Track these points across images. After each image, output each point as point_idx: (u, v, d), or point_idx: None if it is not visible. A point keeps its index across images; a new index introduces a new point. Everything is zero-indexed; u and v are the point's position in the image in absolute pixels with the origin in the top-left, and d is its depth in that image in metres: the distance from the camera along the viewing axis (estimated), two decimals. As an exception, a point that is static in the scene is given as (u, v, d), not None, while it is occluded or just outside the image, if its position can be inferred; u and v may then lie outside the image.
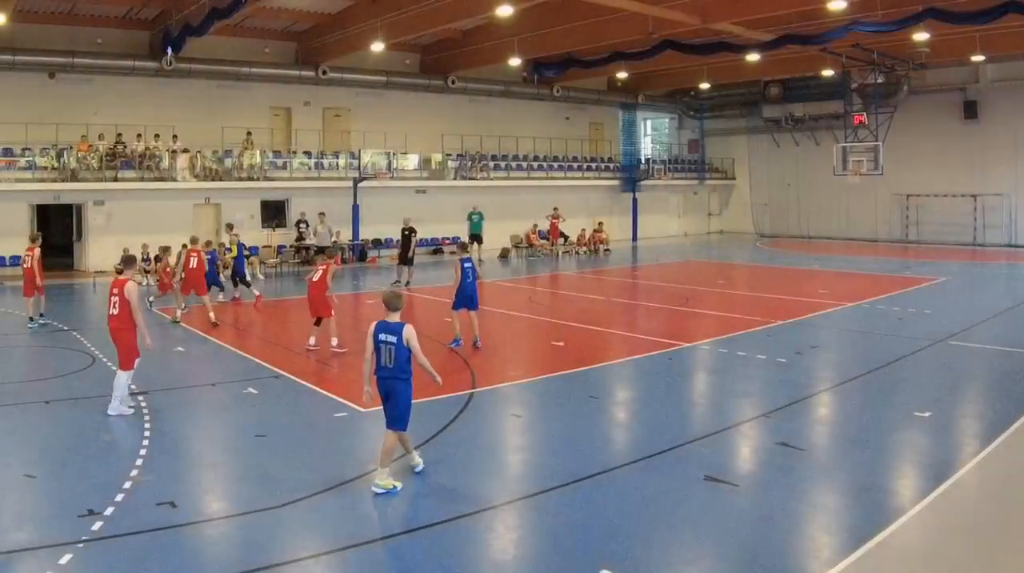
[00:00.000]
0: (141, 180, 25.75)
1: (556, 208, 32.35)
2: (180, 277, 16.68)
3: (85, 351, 13.59)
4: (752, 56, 29.44)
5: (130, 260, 10.60)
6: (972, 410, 10.52)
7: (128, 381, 9.94)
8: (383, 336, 7.44)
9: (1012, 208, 34.19)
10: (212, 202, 27.55)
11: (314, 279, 13.57)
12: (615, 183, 39.10)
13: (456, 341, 13.73)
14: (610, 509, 7.03)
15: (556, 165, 37.12)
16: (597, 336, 15.65)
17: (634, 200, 39.65)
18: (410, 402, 7.49)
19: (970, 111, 34.65)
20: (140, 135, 26.24)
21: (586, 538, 6.42)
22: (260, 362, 12.85)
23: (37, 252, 16.05)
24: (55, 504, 7.10)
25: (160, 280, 18.55)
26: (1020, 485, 7.91)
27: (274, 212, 29.15)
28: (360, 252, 29.50)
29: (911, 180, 36.14)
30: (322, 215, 27.35)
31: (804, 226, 40.78)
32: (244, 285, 19.77)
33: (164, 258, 18.10)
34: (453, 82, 33.26)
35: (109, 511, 6.81)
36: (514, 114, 36.63)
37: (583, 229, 33.87)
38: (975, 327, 15.75)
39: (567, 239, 33.23)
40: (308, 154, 30.19)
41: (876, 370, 12.23)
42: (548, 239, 33.01)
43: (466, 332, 13.80)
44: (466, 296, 13.81)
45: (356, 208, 29.44)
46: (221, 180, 27.11)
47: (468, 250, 14.76)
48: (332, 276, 13.72)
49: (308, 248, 26.90)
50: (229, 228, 21.81)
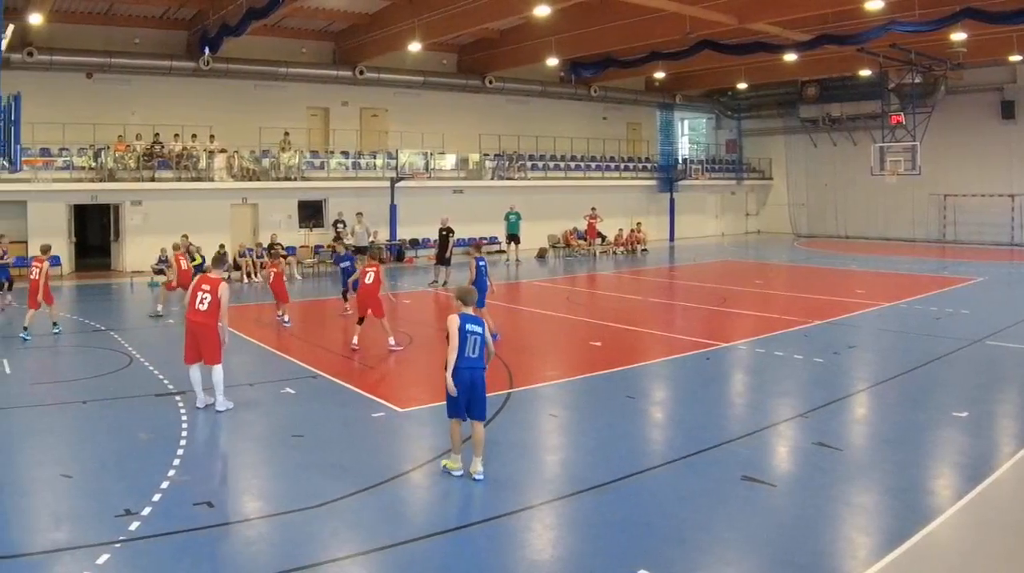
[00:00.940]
0: (178, 180, 25.85)
1: (593, 208, 32.33)
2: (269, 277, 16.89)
3: (122, 351, 13.65)
4: (789, 56, 29.29)
5: (221, 259, 10.88)
6: (1010, 410, 10.48)
7: (222, 374, 10.04)
8: (471, 326, 7.67)
9: (1049, 208, 33.65)
10: (249, 202, 27.75)
11: (367, 282, 13.85)
12: (652, 183, 38.95)
13: (493, 335, 13.94)
14: (647, 509, 7.06)
15: (593, 165, 37.05)
16: (634, 336, 15.72)
17: (671, 200, 39.47)
18: None
19: (1007, 111, 34.24)
20: (177, 135, 26.40)
21: (623, 538, 6.45)
22: (298, 362, 12.89)
23: (46, 265, 15.00)
24: (92, 504, 7.13)
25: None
26: (1059, 487, 7.88)
27: (311, 212, 29.26)
28: (397, 252, 29.68)
29: (948, 180, 35.70)
30: (360, 215, 27.35)
31: (841, 226, 40.43)
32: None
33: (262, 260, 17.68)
34: (490, 82, 33.40)
35: (146, 511, 6.84)
36: (551, 114, 36.63)
37: (620, 229, 33.88)
38: (1012, 327, 15.59)
39: (604, 239, 33.24)
40: (345, 154, 30.38)
41: (913, 370, 12.20)
42: (585, 239, 33.08)
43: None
44: (481, 292, 14.12)
45: (393, 208, 29.60)
46: (258, 180, 27.32)
47: (481, 250, 15.34)
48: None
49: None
50: (184, 238, 19.84)
